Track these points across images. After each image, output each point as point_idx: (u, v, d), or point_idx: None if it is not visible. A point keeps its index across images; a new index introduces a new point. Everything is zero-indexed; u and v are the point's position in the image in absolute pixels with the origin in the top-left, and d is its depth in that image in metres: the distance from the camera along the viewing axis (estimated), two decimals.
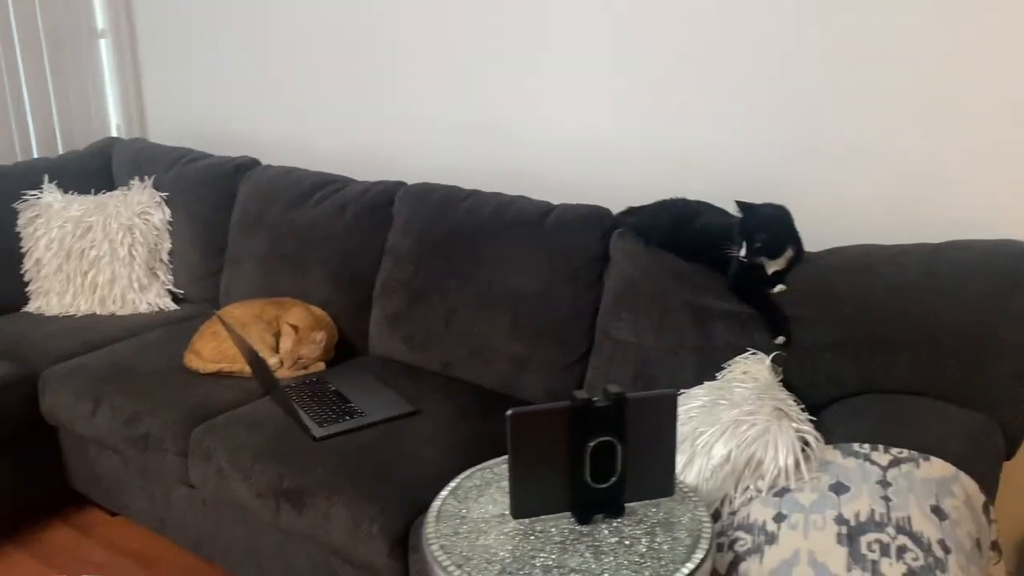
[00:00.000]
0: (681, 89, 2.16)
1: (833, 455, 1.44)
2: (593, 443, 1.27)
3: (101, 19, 3.21)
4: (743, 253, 1.77)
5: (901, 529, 1.25)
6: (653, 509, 1.35)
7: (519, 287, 2.12)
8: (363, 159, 2.76)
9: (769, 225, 1.77)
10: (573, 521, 1.32)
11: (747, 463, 1.44)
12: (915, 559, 1.21)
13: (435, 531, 1.32)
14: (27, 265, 2.73)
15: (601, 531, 1.30)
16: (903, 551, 1.22)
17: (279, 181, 2.62)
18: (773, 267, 1.81)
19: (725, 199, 1.99)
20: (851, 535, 1.25)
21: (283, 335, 2.27)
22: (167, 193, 2.81)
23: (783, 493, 1.39)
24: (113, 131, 3.33)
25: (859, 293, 1.72)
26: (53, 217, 2.72)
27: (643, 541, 1.27)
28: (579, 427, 1.26)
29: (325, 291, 2.41)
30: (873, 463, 1.39)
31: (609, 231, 2.09)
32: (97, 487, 2.38)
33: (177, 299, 2.78)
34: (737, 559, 1.32)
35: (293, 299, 2.42)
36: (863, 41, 1.89)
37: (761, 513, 1.37)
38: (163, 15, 3.16)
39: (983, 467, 1.46)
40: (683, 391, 1.69)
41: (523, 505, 1.30)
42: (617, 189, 2.29)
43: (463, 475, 1.46)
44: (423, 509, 1.64)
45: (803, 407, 1.61)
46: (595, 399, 1.27)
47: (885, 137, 1.92)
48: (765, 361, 1.72)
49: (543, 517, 1.33)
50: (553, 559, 1.24)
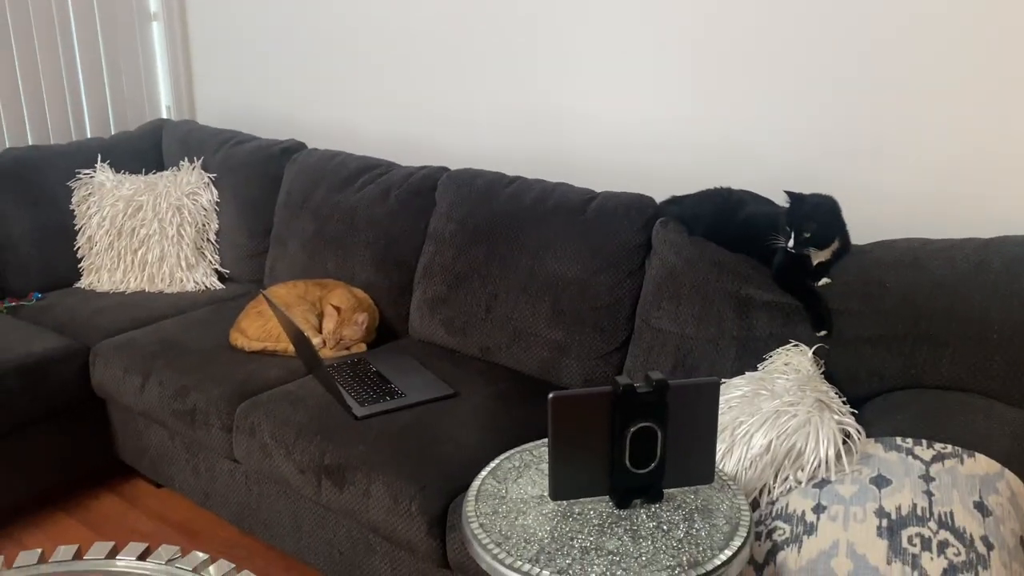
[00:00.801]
0: (727, 79, 2.15)
1: (875, 448, 1.43)
2: (633, 428, 1.28)
3: (154, 3, 3.28)
4: (791, 244, 1.76)
5: (943, 524, 1.24)
6: (692, 496, 1.36)
7: (560, 274, 2.13)
8: (407, 144, 2.79)
9: (818, 215, 1.76)
10: (611, 505, 1.33)
11: (787, 454, 1.44)
12: (956, 554, 1.20)
13: (475, 510, 1.34)
14: (80, 242, 2.81)
15: (639, 515, 1.31)
16: (944, 546, 1.21)
17: (324, 164, 2.65)
18: (819, 258, 1.80)
19: (769, 189, 1.98)
20: (892, 528, 1.25)
21: (326, 316, 2.31)
22: (215, 174, 2.86)
23: (823, 484, 1.39)
24: (163, 113, 3.40)
25: (905, 287, 1.70)
26: (105, 196, 2.79)
27: (681, 527, 1.28)
28: (620, 412, 1.27)
29: (368, 274, 2.44)
30: (916, 457, 1.38)
31: (652, 220, 2.08)
32: (144, 459, 2.45)
33: (223, 278, 2.84)
34: (775, 548, 1.32)
35: (336, 281, 2.46)
36: (911, 32, 1.86)
37: (800, 503, 1.36)
38: (214, 3, 3.21)
39: None
40: (724, 381, 1.69)
41: (562, 487, 1.32)
42: (661, 178, 2.29)
43: (503, 456, 1.48)
44: (461, 489, 1.67)
45: (844, 400, 1.60)
46: (636, 385, 1.28)
47: (934, 129, 1.89)
48: (807, 353, 1.71)
49: (582, 500, 1.35)
50: (591, 541, 1.26)
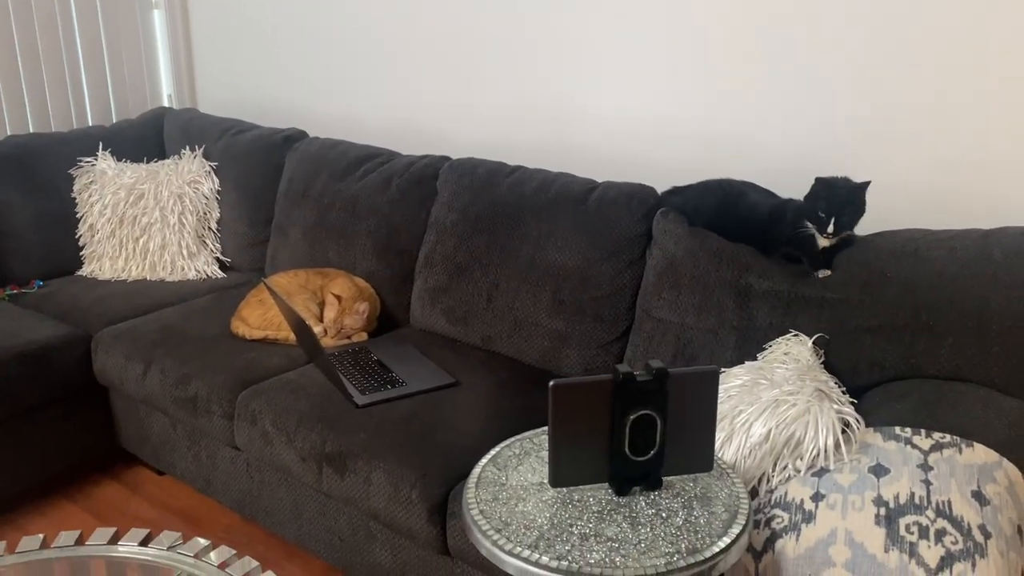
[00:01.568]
0: (730, 70, 2.15)
1: (874, 438, 1.44)
2: (633, 416, 1.29)
3: None
4: (831, 229, 1.73)
5: (941, 513, 1.25)
6: (691, 484, 1.36)
7: (561, 263, 2.13)
8: (409, 133, 2.79)
9: (855, 199, 1.74)
10: (611, 492, 1.34)
11: (786, 442, 1.45)
12: (954, 543, 1.21)
13: (475, 496, 1.35)
14: (81, 230, 2.81)
15: (639, 503, 1.32)
16: (942, 534, 1.22)
17: (326, 153, 2.65)
18: (825, 243, 1.78)
19: (771, 181, 1.98)
20: (890, 516, 1.25)
21: (327, 305, 2.32)
22: (216, 163, 2.86)
23: (822, 473, 1.40)
24: (165, 101, 3.40)
25: (906, 277, 1.70)
26: (107, 184, 2.79)
27: (680, 514, 1.29)
28: (620, 400, 1.28)
29: (369, 263, 2.45)
30: (914, 447, 1.39)
31: (653, 210, 2.09)
32: (145, 446, 2.46)
33: (224, 267, 2.85)
34: (774, 536, 1.33)
35: (337, 270, 2.46)
36: (916, 24, 1.86)
37: (799, 492, 1.37)
38: None
39: None
40: (723, 370, 1.69)
41: (562, 474, 1.33)
42: (662, 169, 2.29)
43: (503, 444, 1.49)
44: (462, 477, 1.68)
45: (844, 390, 1.60)
46: (637, 373, 1.28)
47: (937, 120, 1.89)
48: (807, 343, 1.71)
49: (581, 487, 1.35)
50: (591, 527, 1.26)
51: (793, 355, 1.68)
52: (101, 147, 2.89)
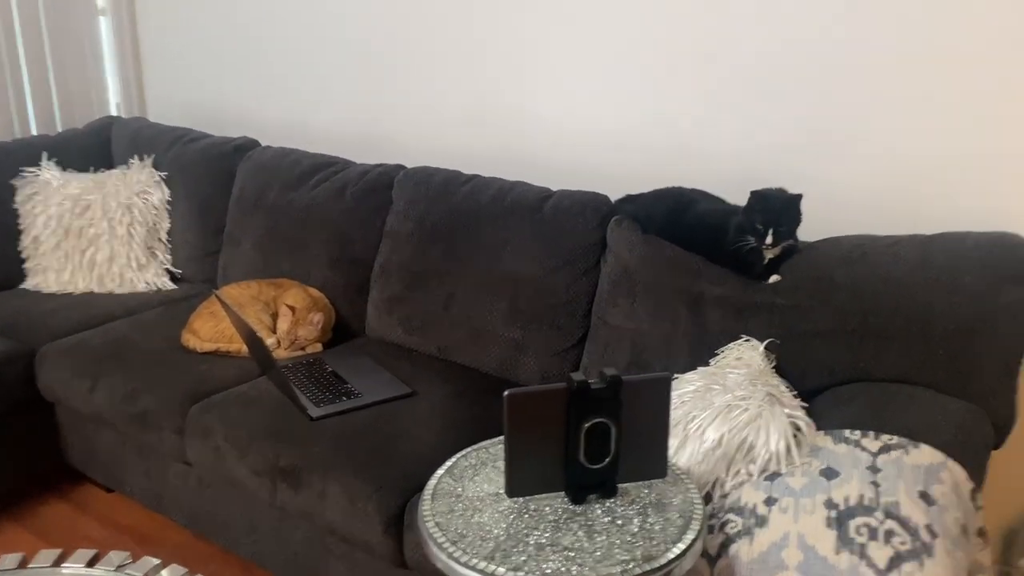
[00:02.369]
0: (681, 78, 2.17)
1: (824, 441, 1.46)
2: (588, 424, 1.29)
3: None
4: (770, 240, 1.77)
5: (889, 514, 1.27)
6: (646, 490, 1.37)
7: (517, 272, 2.13)
8: (363, 142, 2.77)
9: (790, 209, 1.78)
10: (567, 501, 1.34)
11: (739, 447, 1.46)
12: (902, 543, 1.23)
13: (430, 509, 1.34)
14: (25, 242, 2.73)
15: (594, 511, 1.32)
16: (891, 535, 1.24)
17: (279, 162, 2.62)
18: (772, 254, 1.82)
19: (722, 188, 2.01)
20: (840, 519, 1.28)
21: (280, 316, 2.28)
22: (166, 173, 2.81)
23: (774, 477, 1.41)
24: (112, 110, 3.33)
25: (853, 282, 1.73)
26: (52, 195, 2.72)
27: (635, 521, 1.29)
28: (575, 408, 1.28)
29: (323, 273, 2.42)
30: (863, 449, 1.42)
31: (607, 218, 2.10)
32: (94, 463, 2.39)
33: (175, 279, 2.79)
34: (728, 541, 1.34)
35: (291, 280, 2.43)
36: (862, 33, 1.90)
37: (752, 496, 1.39)
38: None
39: (971, 455, 1.49)
40: (677, 376, 1.71)
41: (518, 484, 1.32)
42: (616, 176, 2.30)
43: (459, 454, 1.48)
44: (418, 488, 1.66)
45: (795, 393, 1.63)
46: (591, 381, 1.28)
47: (882, 128, 1.93)
48: (758, 348, 1.74)
49: (537, 496, 1.35)
50: (547, 537, 1.26)
51: (745, 360, 1.71)
52: (45, 157, 2.81)
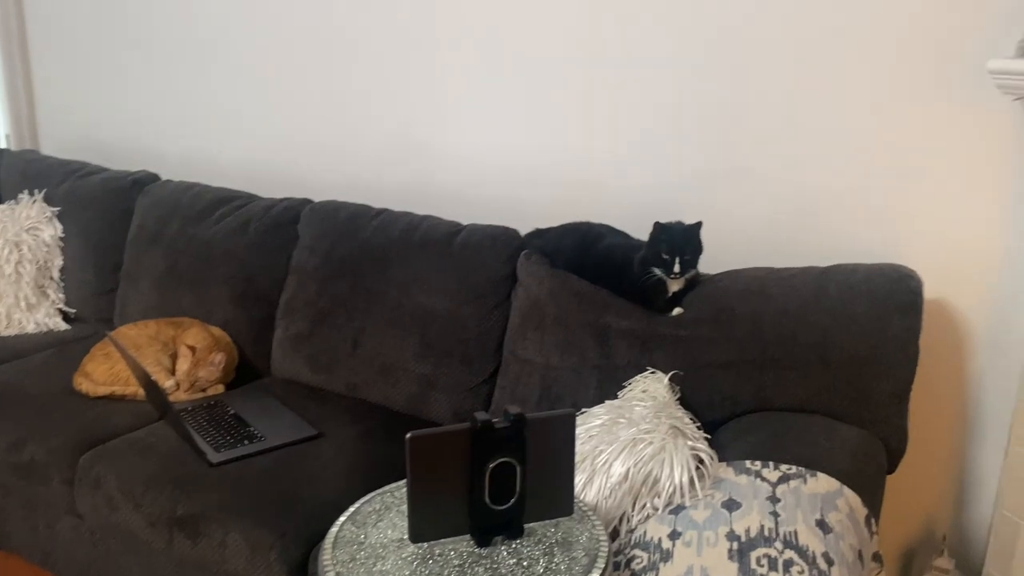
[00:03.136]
0: (591, 115, 2.21)
1: (726, 472, 1.48)
2: (493, 464, 1.27)
3: None
4: (677, 268, 1.79)
5: (788, 543, 1.30)
6: (552, 529, 1.36)
7: (427, 307, 2.11)
8: (268, 175, 2.71)
9: (692, 238, 1.82)
10: (472, 544, 1.31)
11: (644, 481, 1.47)
12: (800, 572, 1.25)
13: (332, 558, 1.29)
14: None
15: (500, 553, 1.30)
16: (789, 565, 1.26)
17: (180, 196, 2.54)
18: (676, 286, 1.86)
19: (631, 221, 2.04)
20: (741, 551, 1.29)
21: (180, 356, 2.20)
22: (59, 208, 2.68)
23: (678, 511, 1.42)
24: (2, 142, 3.16)
25: (753, 314, 1.78)
26: None
27: (541, 562, 1.28)
28: (479, 449, 1.26)
29: (226, 311, 2.34)
30: (764, 479, 1.44)
31: (517, 252, 2.10)
32: None
33: (69, 319, 2.66)
34: None
35: (192, 319, 2.34)
36: (760, 69, 1.98)
37: (657, 531, 1.39)
38: (58, 21, 3.03)
39: (866, 481, 1.53)
40: (584, 410, 1.71)
41: (422, 529, 1.29)
42: (527, 211, 2.32)
43: (362, 500, 1.44)
44: (323, 535, 1.60)
45: (699, 425, 1.65)
46: (495, 420, 1.27)
47: (782, 163, 2.00)
48: (663, 380, 1.76)
49: (442, 541, 1.32)
50: None
51: (651, 393, 1.72)
52: None
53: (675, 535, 1.36)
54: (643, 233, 1.99)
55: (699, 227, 1.84)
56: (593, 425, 1.62)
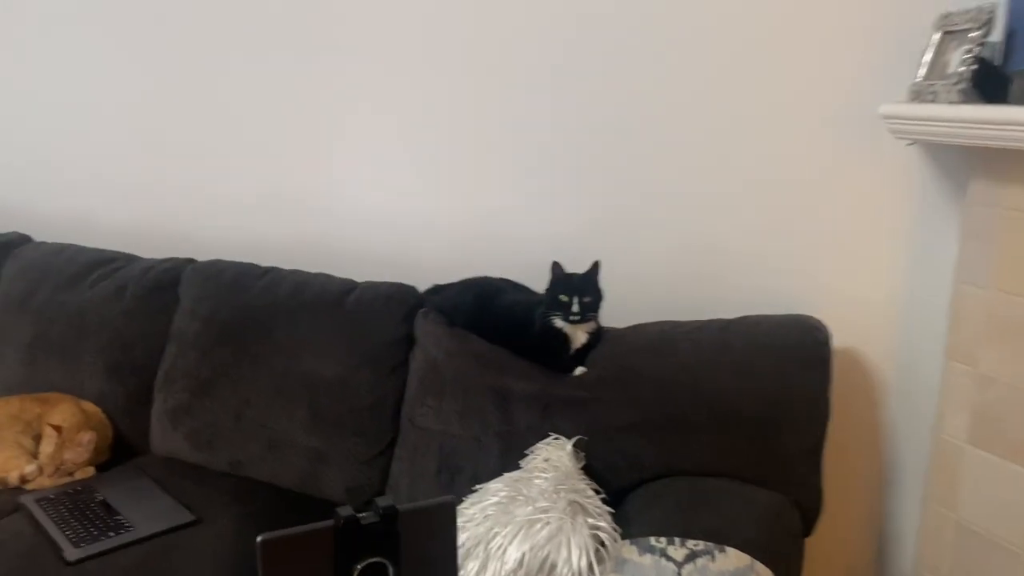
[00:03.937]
0: (484, 163, 2.12)
1: (630, 552, 1.37)
2: (361, 566, 1.13)
3: None
4: (575, 308, 1.70)
5: None
6: None
7: (317, 374, 1.96)
8: (150, 235, 2.52)
9: (591, 279, 1.74)
10: None
11: (540, 566, 1.34)
12: None
13: None
14: None
15: None
16: None
17: (51, 259, 2.34)
18: (580, 341, 1.76)
19: (533, 272, 1.92)
20: None
21: (44, 437, 1.99)
22: None
23: None
24: None
25: (656, 372, 1.69)
26: None
27: None
28: (344, 549, 1.12)
29: (99, 384, 2.14)
30: (669, 559, 1.33)
31: (414, 311, 1.98)
32: None
33: None
34: None
35: (61, 394, 2.13)
36: (656, 117, 1.92)
37: None
38: None
39: (779, 549, 1.44)
40: (479, 487, 1.59)
41: None
42: (427, 265, 2.20)
43: None
44: None
45: (604, 497, 1.54)
46: (361, 516, 1.13)
47: (678, 210, 1.94)
48: (566, 447, 1.64)
49: None
50: None
51: (553, 461, 1.60)
52: None
53: None
54: (544, 286, 1.89)
55: (597, 267, 1.75)
56: (489, 504, 1.49)
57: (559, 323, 1.75)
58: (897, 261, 1.79)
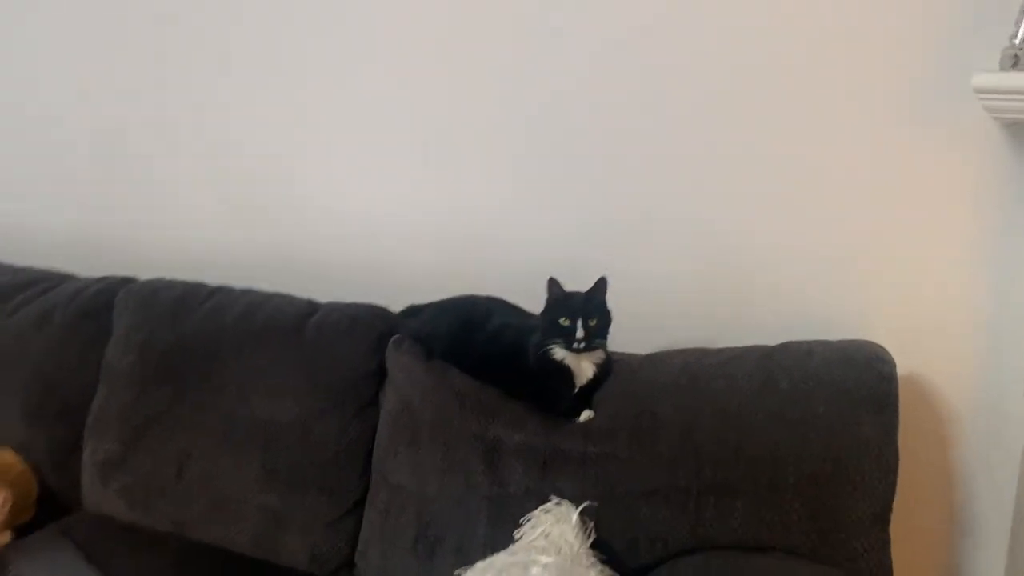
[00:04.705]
0: (470, 164, 1.82)
1: None
2: None
3: None
4: (579, 334, 1.38)
5: None
6: None
7: (271, 417, 1.64)
8: (90, 249, 2.21)
9: (597, 298, 1.42)
10: None
11: None
12: None
13: None
14: None
15: None
16: None
17: None
18: (588, 373, 1.43)
19: (524, 286, 1.59)
20: None
21: None
22: None
23: None
24: None
25: (682, 419, 1.35)
26: None
27: None
28: None
29: (18, 431, 1.82)
30: None
31: (386, 337, 1.65)
32: None
33: None
34: None
35: None
36: (683, 95, 1.60)
37: None
38: None
39: None
40: (461, 571, 1.26)
41: None
42: (400, 281, 1.87)
43: None
44: None
45: None
46: None
47: (706, 212, 1.62)
48: (571, 518, 1.31)
49: None
50: None
51: (553, 538, 1.28)
52: None
53: None
54: (540, 305, 1.55)
55: (604, 284, 1.43)
56: None
57: (559, 354, 1.42)
58: (976, 270, 1.45)
